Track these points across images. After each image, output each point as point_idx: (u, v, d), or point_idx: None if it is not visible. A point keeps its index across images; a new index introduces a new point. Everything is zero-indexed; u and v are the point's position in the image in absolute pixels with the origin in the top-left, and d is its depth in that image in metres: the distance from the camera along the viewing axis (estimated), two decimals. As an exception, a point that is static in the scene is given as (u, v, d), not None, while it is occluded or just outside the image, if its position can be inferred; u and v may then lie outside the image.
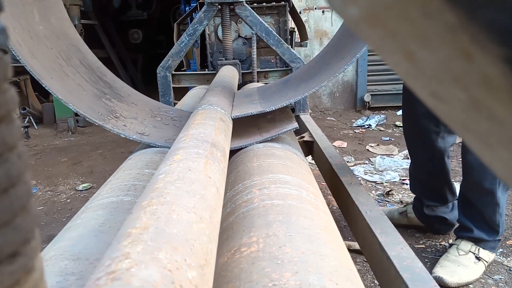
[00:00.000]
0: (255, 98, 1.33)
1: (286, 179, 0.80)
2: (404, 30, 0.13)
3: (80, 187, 2.64)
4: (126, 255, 0.35)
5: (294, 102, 1.91)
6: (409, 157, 1.80)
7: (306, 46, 3.79)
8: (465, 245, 1.53)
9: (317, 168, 1.63)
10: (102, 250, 0.58)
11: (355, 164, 2.75)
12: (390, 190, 2.25)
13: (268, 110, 1.12)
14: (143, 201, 0.47)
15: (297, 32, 3.48)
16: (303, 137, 1.69)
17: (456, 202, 1.71)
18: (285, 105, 1.16)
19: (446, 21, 0.11)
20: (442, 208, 1.69)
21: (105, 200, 0.76)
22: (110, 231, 0.64)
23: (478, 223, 1.51)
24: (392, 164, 2.68)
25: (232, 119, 1.06)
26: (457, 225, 1.65)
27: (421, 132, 1.61)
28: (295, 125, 1.09)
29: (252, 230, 0.60)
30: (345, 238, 1.70)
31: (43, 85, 0.97)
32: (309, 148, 1.64)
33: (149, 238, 0.38)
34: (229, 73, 1.82)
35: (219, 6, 2.02)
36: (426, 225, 1.77)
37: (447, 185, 1.67)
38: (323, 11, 4.43)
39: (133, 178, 0.88)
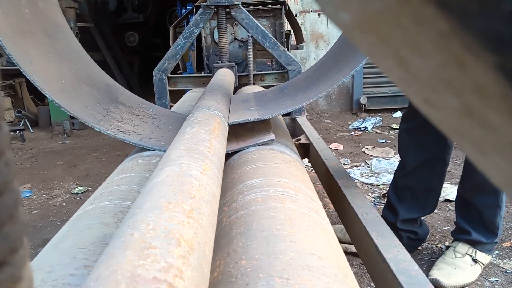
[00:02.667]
0: (252, 104, 1.32)
1: (254, 183, 0.78)
2: (396, 36, 0.12)
3: (76, 191, 2.63)
4: (181, 273, 0.34)
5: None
6: (398, 164, 1.73)
7: (302, 49, 3.80)
8: (462, 248, 1.53)
9: (313, 171, 1.63)
10: (58, 256, 0.56)
11: (352, 167, 2.76)
12: (386, 193, 2.25)
13: (265, 118, 1.11)
14: (183, 202, 0.45)
15: (293, 35, 3.49)
16: (300, 139, 1.69)
17: (422, 219, 1.70)
18: (282, 113, 1.15)
19: (438, 29, 0.11)
20: (413, 223, 1.66)
21: (74, 216, 0.75)
22: (68, 238, 0.62)
23: (476, 226, 1.51)
24: (388, 167, 2.69)
25: (229, 125, 1.05)
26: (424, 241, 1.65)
27: (426, 134, 1.57)
28: (271, 136, 1.07)
29: (217, 254, 0.58)
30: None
31: (21, 69, 0.94)
32: (305, 150, 1.64)
33: (194, 266, 0.37)
34: (225, 76, 1.82)
35: (215, 9, 2.02)
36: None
37: (435, 193, 1.66)
38: (319, 14, 4.45)
39: (102, 187, 0.86)
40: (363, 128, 3.85)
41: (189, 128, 0.81)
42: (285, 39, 2.88)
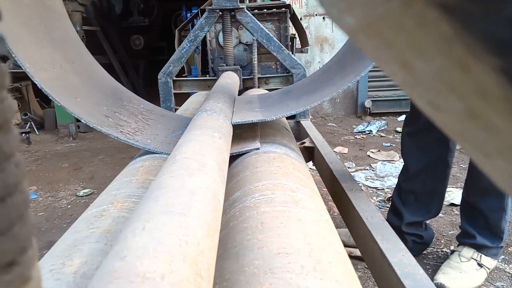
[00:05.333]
0: (256, 105, 1.32)
1: (235, 198, 0.76)
2: (400, 40, 0.13)
3: (81, 193, 2.64)
4: None
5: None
6: (402, 168, 1.73)
7: (307, 52, 3.80)
8: (467, 252, 1.52)
9: (318, 174, 1.63)
10: None
11: (356, 170, 2.75)
12: (391, 196, 2.24)
13: (268, 120, 1.11)
14: (214, 234, 0.44)
15: (297, 38, 3.50)
16: (304, 142, 1.69)
17: (427, 222, 1.69)
18: (286, 116, 1.15)
19: (441, 32, 0.11)
20: (418, 226, 1.66)
21: None
22: (44, 256, 0.62)
23: (481, 230, 1.50)
24: (393, 170, 2.68)
25: (232, 125, 1.05)
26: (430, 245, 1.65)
27: (428, 137, 1.57)
28: (257, 145, 1.04)
29: None
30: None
31: (12, 54, 0.91)
32: (309, 154, 1.64)
33: None
34: (230, 79, 1.82)
35: (220, 13, 2.03)
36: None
37: (439, 196, 1.65)
38: (323, 18, 4.45)
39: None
40: (367, 132, 3.84)
41: (217, 134, 0.78)
42: (290, 43, 2.89)
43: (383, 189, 2.40)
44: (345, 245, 1.47)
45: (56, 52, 1.13)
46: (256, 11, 2.75)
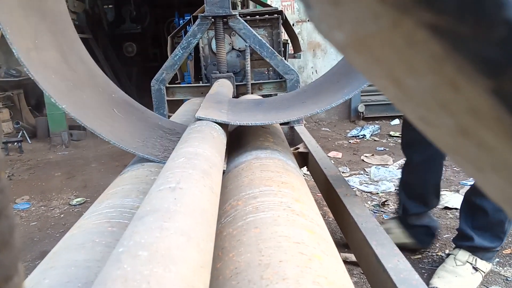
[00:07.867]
0: (224, 107, 1.30)
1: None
2: (390, 57, 0.12)
3: (74, 202, 2.62)
4: None
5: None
6: (404, 162, 1.79)
7: (300, 58, 3.82)
8: (463, 255, 1.52)
9: (312, 179, 1.62)
10: None
11: (350, 175, 2.75)
12: (385, 201, 2.25)
13: (232, 123, 1.08)
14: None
15: (290, 44, 3.51)
16: (298, 148, 1.69)
17: (430, 212, 1.73)
18: (250, 124, 1.13)
19: (431, 51, 0.11)
20: (423, 217, 1.70)
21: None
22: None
23: (481, 230, 1.49)
24: (387, 174, 2.68)
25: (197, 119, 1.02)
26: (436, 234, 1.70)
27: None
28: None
29: None
30: (341, 250, 1.68)
31: (5, 36, 0.89)
32: (304, 159, 1.64)
33: None
34: (223, 86, 1.82)
35: (213, 19, 2.03)
36: (411, 237, 1.72)
37: (437, 188, 1.69)
38: (316, 23, 4.48)
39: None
40: (361, 136, 3.85)
41: (219, 166, 0.76)
42: (283, 48, 2.89)
43: (378, 193, 2.40)
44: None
45: (41, 23, 1.09)
46: (248, 17, 2.75)
